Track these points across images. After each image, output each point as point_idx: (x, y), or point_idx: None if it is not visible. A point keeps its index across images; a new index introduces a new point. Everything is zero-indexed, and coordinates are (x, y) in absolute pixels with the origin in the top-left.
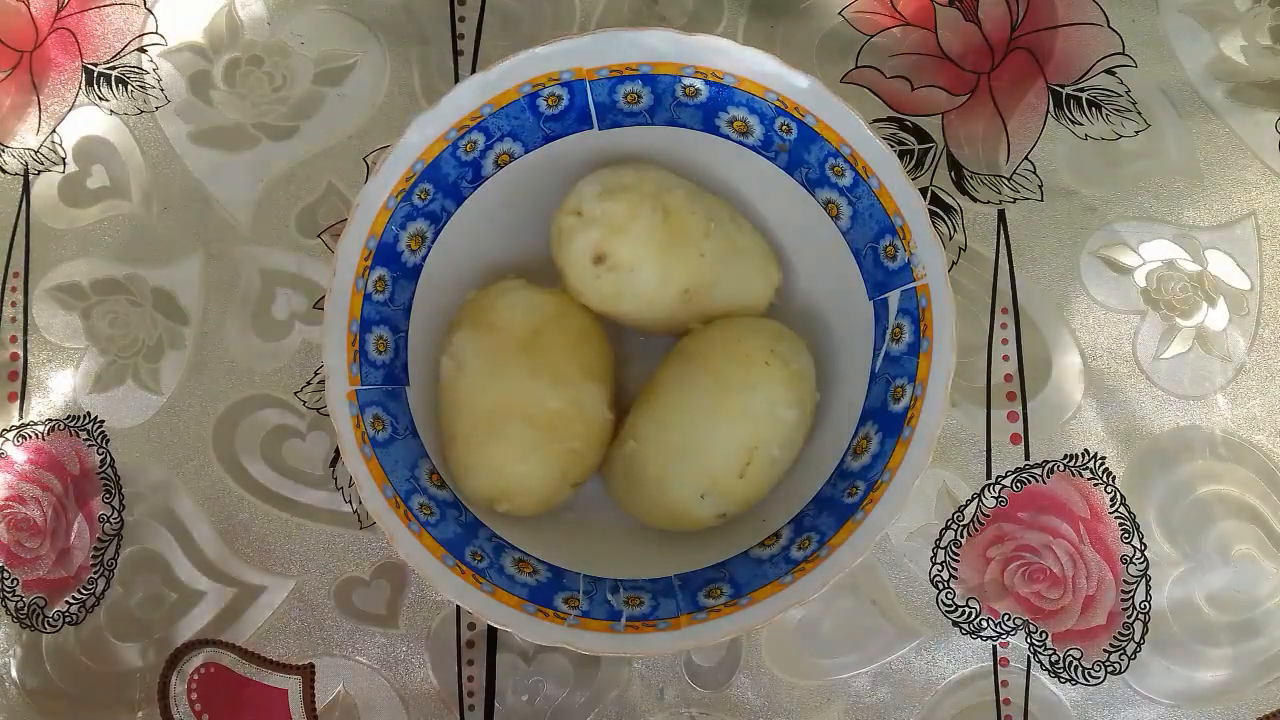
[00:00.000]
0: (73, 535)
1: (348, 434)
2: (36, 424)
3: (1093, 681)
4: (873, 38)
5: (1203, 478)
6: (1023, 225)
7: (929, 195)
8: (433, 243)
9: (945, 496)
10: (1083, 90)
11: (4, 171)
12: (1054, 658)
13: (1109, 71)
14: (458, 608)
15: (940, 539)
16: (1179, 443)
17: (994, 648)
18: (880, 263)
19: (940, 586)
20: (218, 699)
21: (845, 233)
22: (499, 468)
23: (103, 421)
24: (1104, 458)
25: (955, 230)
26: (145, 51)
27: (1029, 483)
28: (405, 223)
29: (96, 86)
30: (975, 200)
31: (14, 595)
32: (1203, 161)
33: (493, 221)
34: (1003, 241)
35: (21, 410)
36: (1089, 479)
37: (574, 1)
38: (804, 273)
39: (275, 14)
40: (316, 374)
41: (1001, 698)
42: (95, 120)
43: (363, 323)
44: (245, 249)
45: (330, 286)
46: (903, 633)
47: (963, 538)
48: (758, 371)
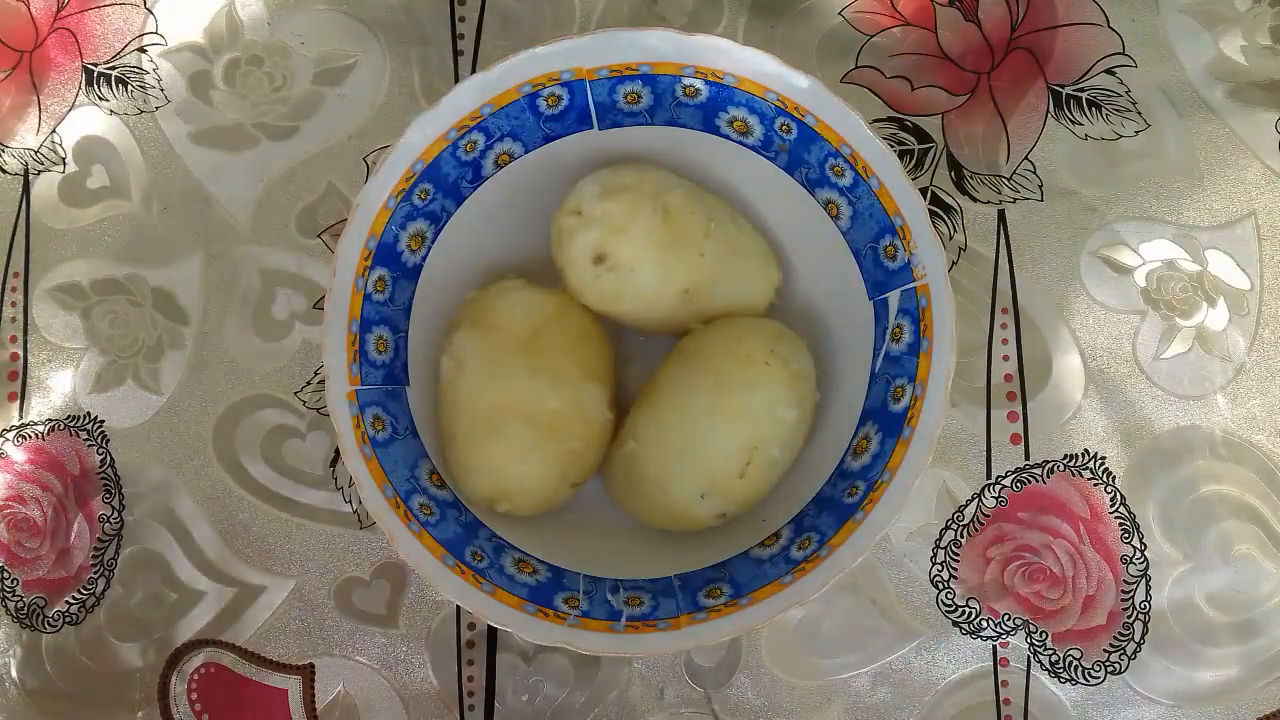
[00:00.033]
0: (73, 535)
1: (348, 434)
2: (36, 424)
3: (1093, 681)
4: (873, 38)
5: (1203, 478)
6: (1023, 225)
7: (929, 195)
8: (433, 243)
9: (945, 496)
10: (1083, 90)
11: (4, 171)
12: (1054, 658)
13: (1109, 71)
14: (458, 608)
15: (940, 539)
16: (1179, 443)
17: (994, 648)
18: (880, 263)
19: (940, 586)
20: (218, 699)
21: (845, 233)
22: (499, 468)
23: (103, 421)
24: (1104, 458)
25: (955, 230)
26: (145, 51)
27: (1029, 483)
28: (405, 223)
29: (96, 86)
30: (975, 200)
31: (14, 595)
32: (1203, 161)
33: (493, 221)
34: (1003, 241)
35: (21, 410)
36: (1089, 479)
37: (574, 1)
38: (804, 273)
39: (275, 14)
40: (316, 374)
41: (1001, 698)
42: (95, 120)
43: (363, 323)
44: (245, 249)
45: (330, 286)
46: (903, 633)
47: (963, 538)
48: (758, 371)
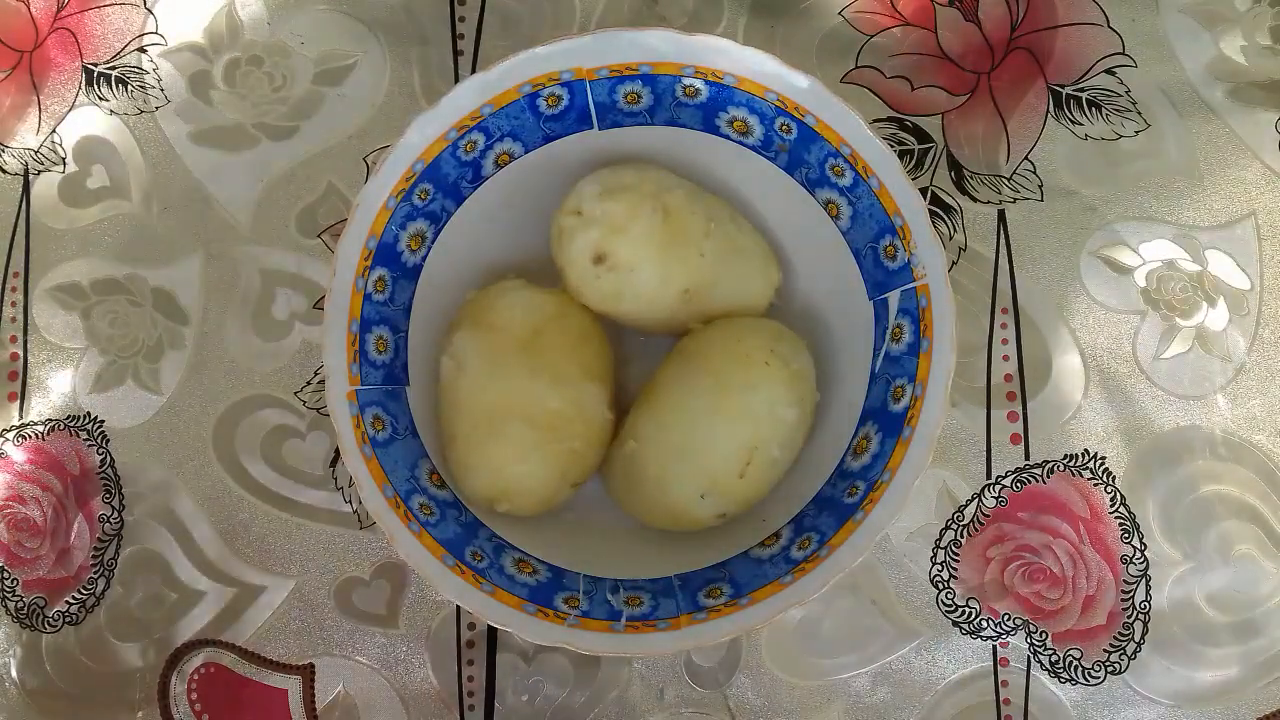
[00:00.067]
0: (73, 535)
1: (348, 434)
2: (36, 424)
3: (1093, 681)
4: (873, 38)
5: (1203, 478)
6: (1023, 225)
7: (929, 195)
8: (433, 243)
9: (945, 496)
10: (1083, 90)
11: (4, 171)
12: (1054, 658)
13: (1109, 71)
14: (458, 608)
15: (940, 539)
16: (1179, 443)
17: (994, 648)
18: (880, 263)
19: (940, 586)
20: (218, 699)
21: (845, 233)
22: (499, 468)
23: (103, 421)
24: (1104, 458)
25: (955, 230)
26: (145, 51)
27: (1029, 483)
28: (405, 223)
29: (96, 86)
30: (975, 200)
31: (14, 595)
32: (1203, 161)
33: (493, 221)
34: (1003, 241)
35: (21, 410)
36: (1089, 479)
37: (574, 1)
38: (804, 273)
39: (275, 14)
40: (316, 374)
41: (1001, 698)
42: (95, 120)
43: (363, 323)
44: (245, 249)
45: (330, 286)
46: (903, 633)
47: (963, 538)
48: (758, 371)
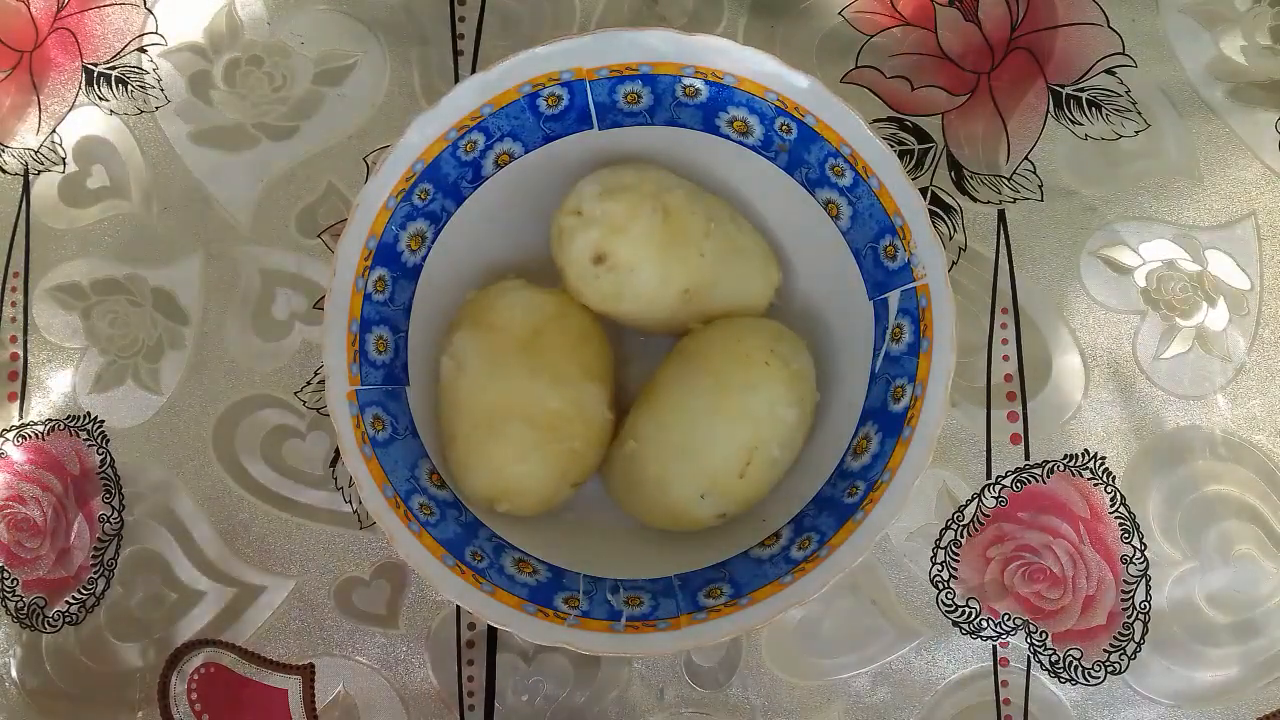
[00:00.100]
0: (73, 535)
1: (348, 434)
2: (36, 424)
3: (1093, 681)
4: (873, 38)
5: (1203, 478)
6: (1023, 225)
7: (929, 195)
8: (433, 243)
9: (945, 496)
10: (1083, 90)
11: (4, 171)
12: (1054, 658)
13: (1109, 71)
14: (458, 608)
15: (940, 539)
16: (1179, 443)
17: (994, 648)
18: (880, 263)
19: (940, 586)
20: (218, 699)
21: (845, 233)
22: (499, 468)
23: (103, 421)
24: (1104, 458)
25: (955, 230)
26: (145, 51)
27: (1029, 483)
28: (405, 223)
29: (96, 86)
30: (975, 200)
31: (14, 595)
32: (1203, 161)
33: (493, 221)
34: (1003, 241)
35: (21, 410)
36: (1089, 479)
37: (574, 1)
38: (804, 273)
39: (275, 14)
40: (316, 374)
41: (1001, 698)
42: (95, 120)
43: (363, 323)
44: (245, 249)
45: (330, 286)
46: (903, 633)
47: (963, 538)
48: (758, 371)
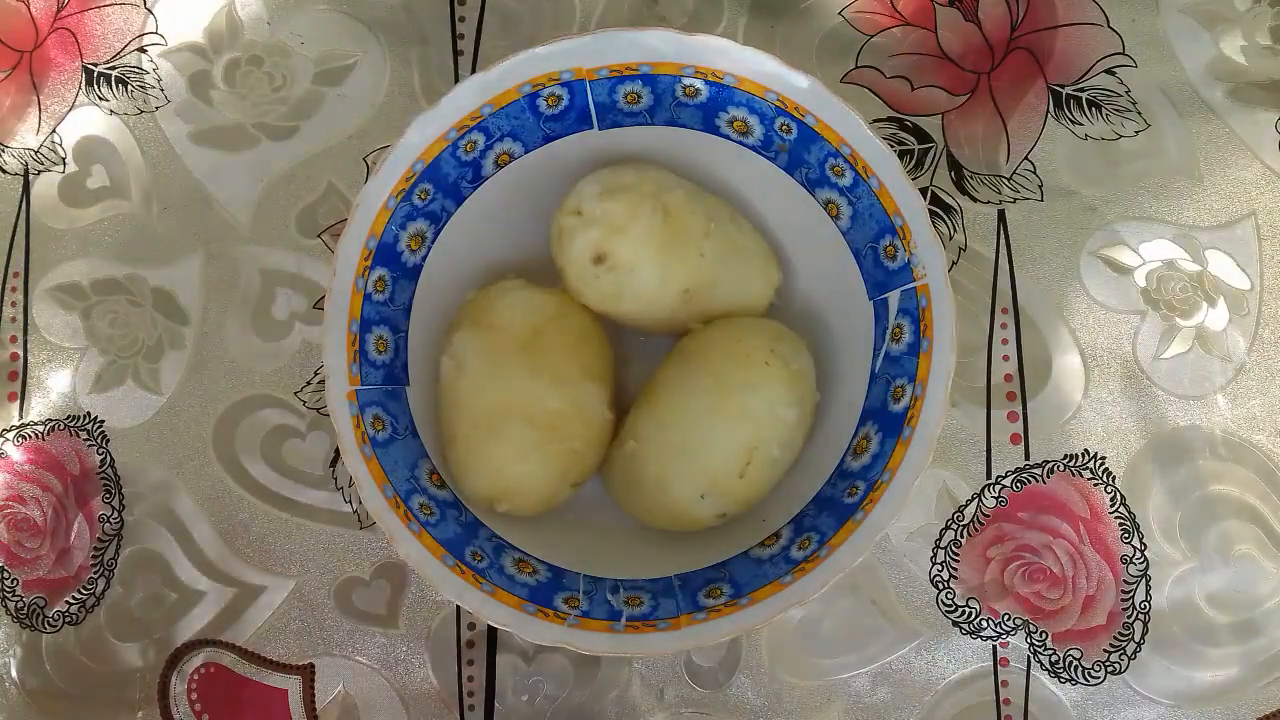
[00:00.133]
0: (73, 535)
1: (348, 434)
2: (36, 424)
3: (1093, 681)
4: (873, 38)
5: (1203, 478)
6: (1023, 225)
7: (929, 195)
8: (433, 243)
9: (945, 496)
10: (1083, 90)
11: (4, 171)
12: (1054, 658)
13: (1109, 71)
14: (458, 608)
15: (940, 539)
16: (1179, 443)
17: (994, 648)
18: (880, 263)
19: (940, 586)
20: (218, 699)
21: (845, 233)
22: (499, 468)
23: (103, 421)
24: (1104, 458)
25: (955, 230)
26: (145, 51)
27: (1029, 483)
28: (405, 223)
29: (96, 86)
30: (975, 200)
31: (14, 595)
32: (1203, 161)
33: (493, 221)
34: (1003, 241)
35: (21, 410)
36: (1089, 479)
37: (574, 1)
38: (804, 273)
39: (275, 14)
40: (316, 374)
41: (1001, 698)
42: (95, 120)
43: (363, 323)
44: (245, 249)
45: (330, 286)
46: (903, 633)
47: (963, 538)
48: (758, 371)
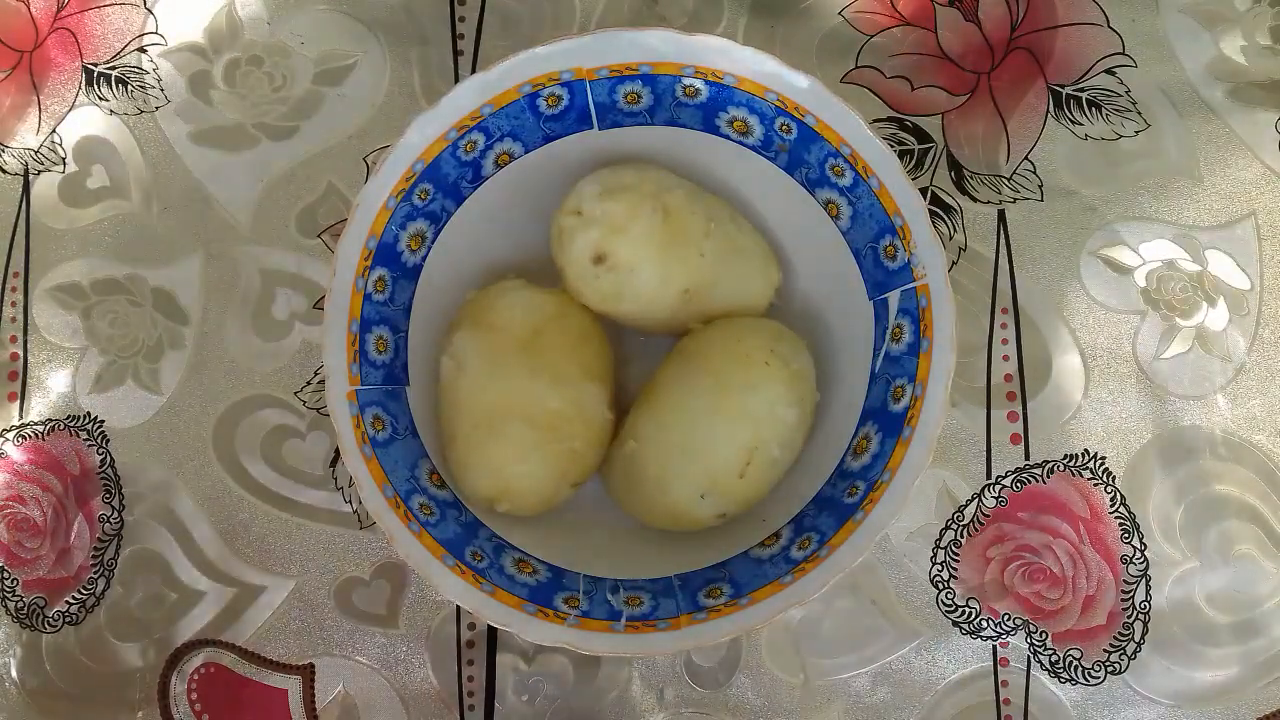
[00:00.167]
0: (73, 535)
1: (348, 434)
2: (36, 424)
3: (1093, 681)
4: (873, 38)
5: (1203, 478)
6: (1023, 225)
7: (929, 195)
8: (433, 243)
9: (945, 496)
10: (1083, 90)
11: (4, 171)
12: (1054, 658)
13: (1109, 71)
14: (458, 608)
15: (940, 539)
16: (1179, 443)
17: (994, 648)
18: (880, 263)
19: (940, 586)
20: (218, 699)
21: (845, 233)
22: (499, 468)
23: (103, 421)
24: (1104, 458)
25: (955, 230)
26: (145, 51)
27: (1029, 483)
28: (405, 223)
29: (96, 86)
30: (975, 200)
31: (14, 595)
32: (1203, 161)
33: (493, 221)
34: (1003, 241)
35: (21, 410)
36: (1089, 479)
37: (574, 1)
38: (804, 273)
39: (275, 14)
40: (316, 374)
41: (1001, 698)
42: (95, 120)
43: (363, 323)
44: (245, 249)
45: (330, 286)
46: (903, 633)
47: (963, 538)
48: (758, 371)
